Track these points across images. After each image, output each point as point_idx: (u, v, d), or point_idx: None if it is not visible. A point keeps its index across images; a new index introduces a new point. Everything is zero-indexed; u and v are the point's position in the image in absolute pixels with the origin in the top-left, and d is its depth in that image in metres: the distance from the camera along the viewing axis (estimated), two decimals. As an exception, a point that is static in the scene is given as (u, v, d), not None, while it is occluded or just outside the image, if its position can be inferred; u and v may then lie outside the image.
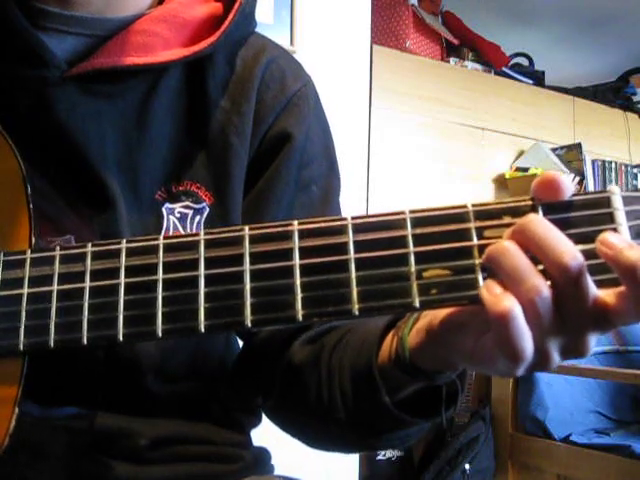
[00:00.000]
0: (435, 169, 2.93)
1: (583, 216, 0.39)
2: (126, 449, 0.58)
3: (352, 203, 1.97)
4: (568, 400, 2.32)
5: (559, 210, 0.39)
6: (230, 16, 0.62)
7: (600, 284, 0.38)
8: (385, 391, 0.50)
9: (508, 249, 0.38)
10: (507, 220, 0.40)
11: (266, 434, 0.73)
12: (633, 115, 3.57)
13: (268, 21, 1.78)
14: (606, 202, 0.39)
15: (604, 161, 3.32)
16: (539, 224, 0.38)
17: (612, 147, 3.46)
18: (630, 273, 0.36)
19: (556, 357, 0.40)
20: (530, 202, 0.40)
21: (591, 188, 3.26)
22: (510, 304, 0.37)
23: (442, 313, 0.43)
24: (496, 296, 0.37)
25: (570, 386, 2.34)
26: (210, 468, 0.63)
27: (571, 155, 3.23)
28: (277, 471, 0.71)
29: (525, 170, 3.08)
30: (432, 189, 2.91)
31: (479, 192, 3.07)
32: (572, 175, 3.17)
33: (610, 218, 0.39)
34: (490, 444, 2.40)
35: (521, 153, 3.20)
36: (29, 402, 0.53)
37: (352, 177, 1.98)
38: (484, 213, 0.40)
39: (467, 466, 2.33)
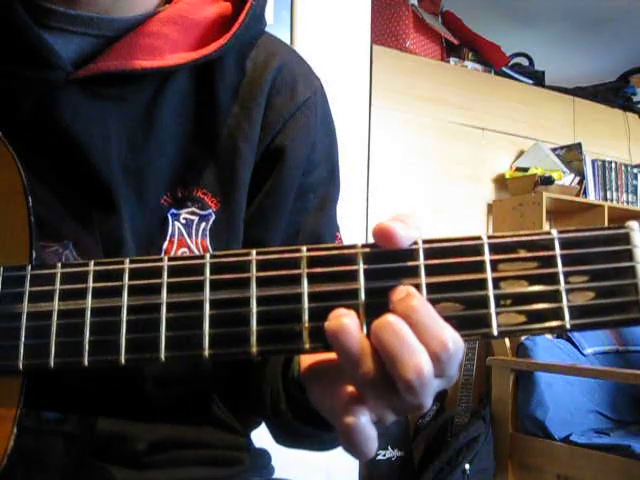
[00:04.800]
0: (435, 169, 2.93)
1: (601, 252, 0.38)
2: (124, 454, 0.58)
3: (352, 204, 1.97)
4: (568, 400, 2.32)
5: (577, 245, 0.38)
6: (241, 18, 0.60)
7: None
8: (285, 401, 0.52)
9: (344, 327, 0.37)
10: (523, 254, 0.39)
11: (266, 435, 0.73)
12: (633, 115, 3.57)
13: (268, 21, 1.77)
14: (625, 238, 0.38)
15: (604, 161, 3.32)
16: (394, 331, 0.37)
17: (612, 147, 3.46)
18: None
19: (390, 418, 0.40)
20: (548, 235, 0.39)
21: (591, 188, 3.26)
22: (352, 419, 0.37)
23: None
24: (346, 405, 0.38)
25: (570, 386, 2.34)
26: (209, 472, 0.62)
27: (571, 155, 3.23)
28: (277, 472, 0.71)
29: (525, 170, 3.09)
30: (432, 189, 2.91)
31: (479, 192, 3.07)
32: (572, 175, 3.17)
33: (629, 255, 0.38)
34: (490, 444, 2.40)
35: (521, 153, 3.20)
36: (26, 409, 0.53)
37: (352, 177, 1.98)
38: (499, 246, 0.39)
39: (467, 466, 2.33)
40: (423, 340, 0.37)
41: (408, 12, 2.93)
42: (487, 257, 0.39)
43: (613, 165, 3.34)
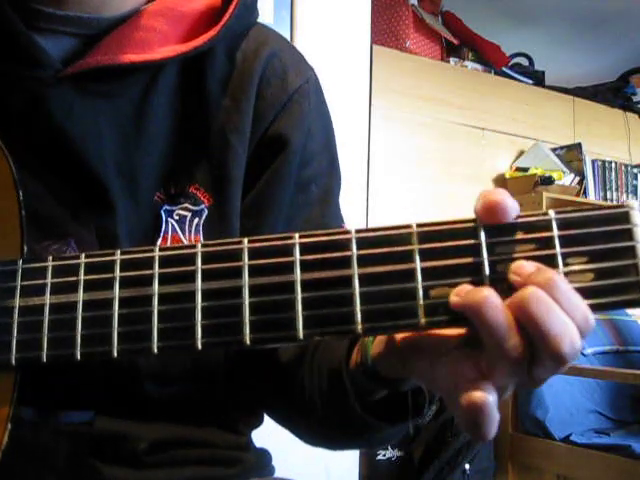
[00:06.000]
0: (435, 169, 2.93)
1: (600, 232, 0.37)
2: (125, 453, 0.58)
3: (352, 204, 1.97)
4: (568, 400, 2.32)
5: (575, 225, 0.37)
6: (230, 9, 0.60)
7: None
8: (354, 395, 0.50)
9: (489, 299, 0.36)
10: (520, 236, 0.37)
11: (267, 435, 0.73)
12: (633, 115, 3.56)
13: (268, 21, 1.78)
14: (625, 218, 0.37)
15: (604, 161, 3.32)
16: (538, 302, 0.35)
17: (612, 147, 3.46)
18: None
19: (509, 394, 0.39)
20: (546, 216, 0.37)
21: (591, 188, 3.26)
22: (482, 395, 0.36)
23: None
24: (473, 382, 0.37)
25: (570, 386, 2.34)
26: (210, 471, 0.62)
27: (571, 155, 3.23)
28: (278, 472, 0.71)
29: (525, 170, 3.08)
30: (432, 189, 2.91)
31: (479, 192, 3.06)
32: (572, 175, 3.17)
33: (629, 235, 0.36)
34: (490, 444, 2.39)
35: (521, 153, 3.19)
36: (27, 408, 0.53)
37: (352, 177, 1.98)
38: (496, 228, 0.38)
39: (467, 466, 2.33)
40: (568, 313, 0.36)
41: (408, 12, 2.93)
42: (483, 240, 0.38)
43: (613, 165, 3.34)
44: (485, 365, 0.37)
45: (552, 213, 0.38)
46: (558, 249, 0.37)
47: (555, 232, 0.37)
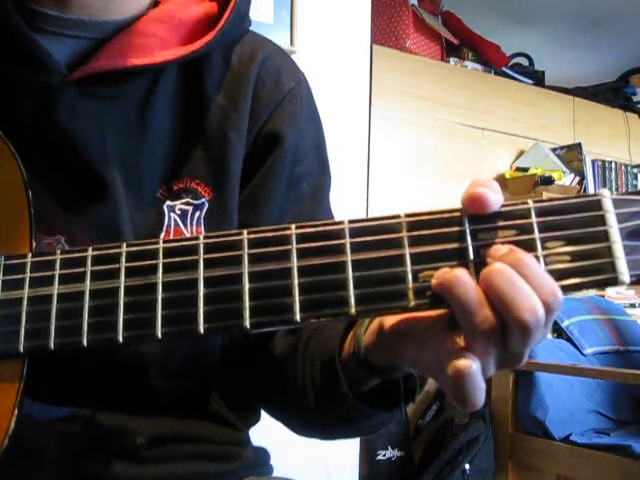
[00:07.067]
0: (435, 169, 2.93)
1: (575, 218, 0.40)
2: (124, 448, 0.59)
3: (352, 203, 1.97)
4: (568, 400, 2.32)
5: (552, 213, 0.40)
6: (226, 15, 0.63)
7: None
8: (346, 384, 0.52)
9: (460, 278, 0.39)
10: (502, 223, 0.40)
11: (266, 434, 0.73)
12: (633, 115, 3.57)
13: (268, 21, 1.78)
14: (597, 205, 0.40)
15: (604, 161, 3.32)
16: (502, 276, 0.38)
17: (612, 147, 3.46)
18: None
19: (492, 371, 0.41)
20: (525, 205, 0.40)
21: (591, 188, 3.26)
22: (465, 362, 0.39)
23: (390, 319, 0.44)
24: (457, 352, 0.39)
25: (570, 386, 2.34)
26: (208, 467, 0.63)
27: (571, 155, 3.23)
28: (276, 471, 0.71)
29: (525, 170, 3.09)
30: (432, 189, 2.91)
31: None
32: (572, 175, 3.18)
33: (601, 220, 0.40)
34: (490, 444, 2.40)
35: (521, 153, 3.20)
36: (27, 401, 0.53)
37: (352, 177, 1.98)
38: (479, 216, 0.41)
39: (467, 466, 2.33)
40: (534, 288, 0.38)
41: (408, 12, 2.93)
42: (467, 227, 0.40)
43: (613, 165, 3.34)
44: (464, 340, 0.40)
45: (531, 202, 0.41)
46: (537, 234, 0.40)
47: (534, 219, 0.40)
